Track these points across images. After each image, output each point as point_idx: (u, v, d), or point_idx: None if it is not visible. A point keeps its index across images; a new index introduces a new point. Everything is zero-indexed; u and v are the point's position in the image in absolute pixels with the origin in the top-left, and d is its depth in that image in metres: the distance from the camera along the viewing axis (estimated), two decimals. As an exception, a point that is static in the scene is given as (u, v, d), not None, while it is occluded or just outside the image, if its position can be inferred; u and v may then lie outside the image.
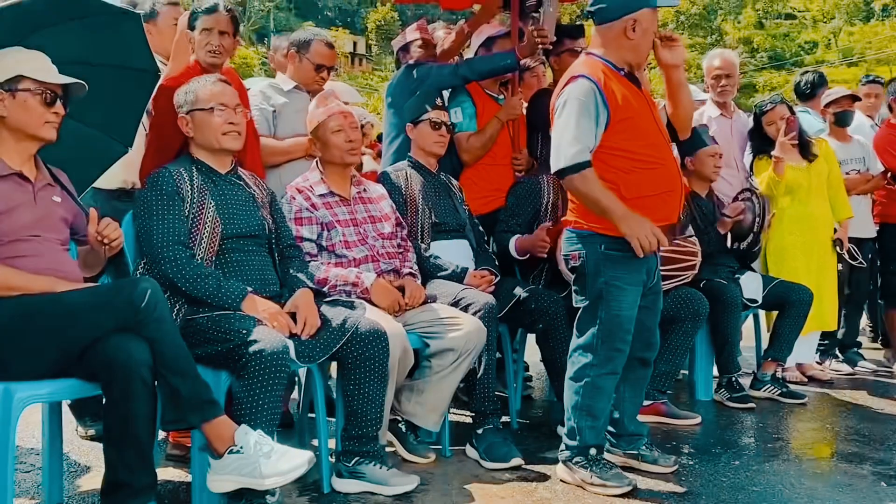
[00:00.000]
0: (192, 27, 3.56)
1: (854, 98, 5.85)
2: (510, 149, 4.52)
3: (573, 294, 3.26)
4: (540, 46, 4.37)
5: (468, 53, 5.04)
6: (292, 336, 2.88)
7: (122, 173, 3.71)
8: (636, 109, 3.11)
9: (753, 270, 5.01)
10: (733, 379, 4.62)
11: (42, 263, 2.63)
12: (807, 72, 6.39)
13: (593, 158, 3.05)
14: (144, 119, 3.51)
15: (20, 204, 2.66)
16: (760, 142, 5.26)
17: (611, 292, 3.10)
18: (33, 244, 2.65)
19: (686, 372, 5.11)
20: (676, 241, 4.08)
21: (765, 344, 4.96)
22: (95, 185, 3.51)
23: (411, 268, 3.67)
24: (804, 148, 5.20)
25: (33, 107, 2.68)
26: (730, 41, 62.80)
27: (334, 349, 2.94)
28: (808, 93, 6.13)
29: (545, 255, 3.97)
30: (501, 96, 4.63)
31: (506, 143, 4.51)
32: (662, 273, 4.01)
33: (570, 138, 3.01)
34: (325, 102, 3.61)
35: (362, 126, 8.01)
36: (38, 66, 2.71)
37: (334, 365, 3.35)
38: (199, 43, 3.55)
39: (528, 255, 4.12)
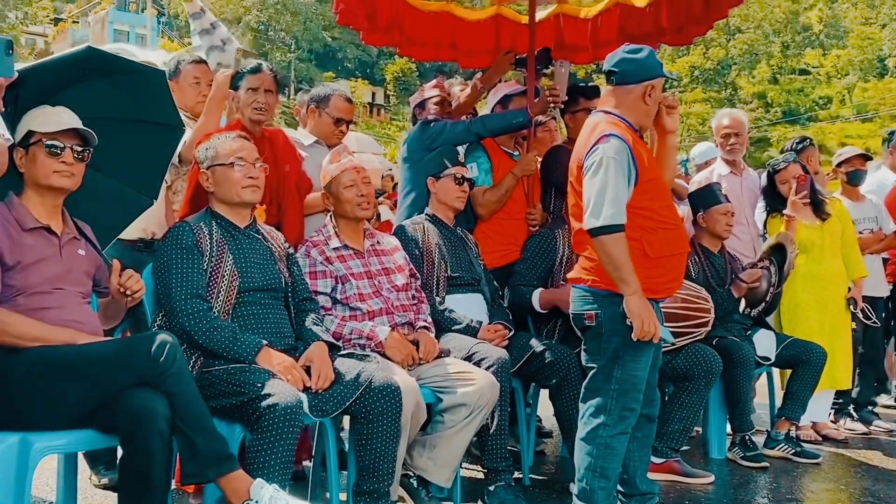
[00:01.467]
0: (234, 87, 3.66)
1: (866, 157, 5.89)
2: (524, 203, 4.57)
3: (583, 353, 3.28)
4: (552, 105, 4.46)
5: (485, 109, 5.14)
6: (306, 389, 2.91)
7: (142, 223, 3.78)
8: (657, 171, 3.23)
9: (767, 327, 5.00)
10: (747, 437, 4.60)
11: (64, 315, 2.69)
12: None
13: None
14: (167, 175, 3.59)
15: (46, 257, 2.72)
16: (773, 200, 5.30)
17: (628, 352, 3.13)
18: (56, 296, 2.71)
19: (699, 429, 5.09)
20: (690, 298, 4.11)
21: (778, 402, 4.94)
22: (123, 236, 3.58)
23: (425, 320, 3.71)
24: (817, 206, 5.24)
25: (41, 159, 2.76)
26: (744, 96, 63.23)
27: (347, 403, 2.96)
28: None
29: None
30: (516, 152, 4.70)
31: (520, 197, 4.57)
32: (675, 330, 4.04)
33: (609, 198, 3.05)
34: (337, 158, 3.69)
35: (383, 176, 8.16)
36: (47, 119, 2.79)
37: (347, 417, 3.36)
38: (245, 101, 3.65)
39: (549, 309, 4.16)
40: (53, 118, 2.82)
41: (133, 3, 67.33)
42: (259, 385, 2.74)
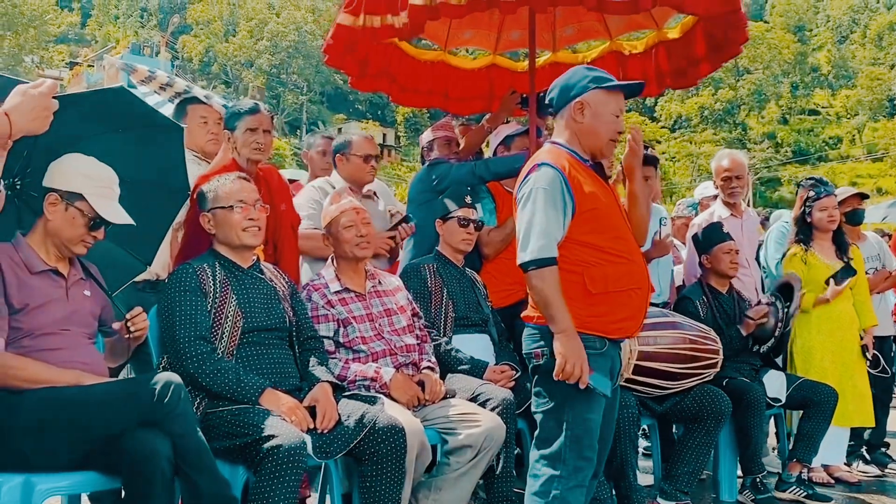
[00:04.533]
0: (230, 128, 3.69)
1: (862, 196, 5.89)
2: (530, 243, 4.57)
3: (533, 397, 3.04)
4: None
5: (487, 151, 5.18)
6: (310, 431, 2.90)
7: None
8: (602, 201, 2.98)
9: (777, 368, 4.96)
10: (758, 480, 4.53)
11: (70, 356, 2.70)
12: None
13: (559, 250, 2.90)
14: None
15: (53, 299, 2.74)
16: (803, 229, 5.29)
17: (580, 393, 2.85)
18: (62, 337, 2.73)
19: (710, 473, 5.03)
20: (698, 339, 4.08)
21: (790, 443, 4.88)
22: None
23: (430, 360, 3.70)
24: (841, 248, 5.25)
25: (78, 225, 2.79)
26: (754, 136, 63.49)
27: (351, 444, 2.94)
28: None
29: None
30: (521, 193, 4.72)
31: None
32: (684, 371, 4.02)
33: (537, 231, 2.85)
34: (338, 199, 3.71)
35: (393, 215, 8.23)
36: (101, 192, 2.82)
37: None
38: (244, 141, 3.68)
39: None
40: (107, 192, 2.85)
41: (147, 48, 68.38)
42: (262, 426, 2.74)
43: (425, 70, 5.44)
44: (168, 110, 4.94)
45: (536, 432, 3.02)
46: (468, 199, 4.22)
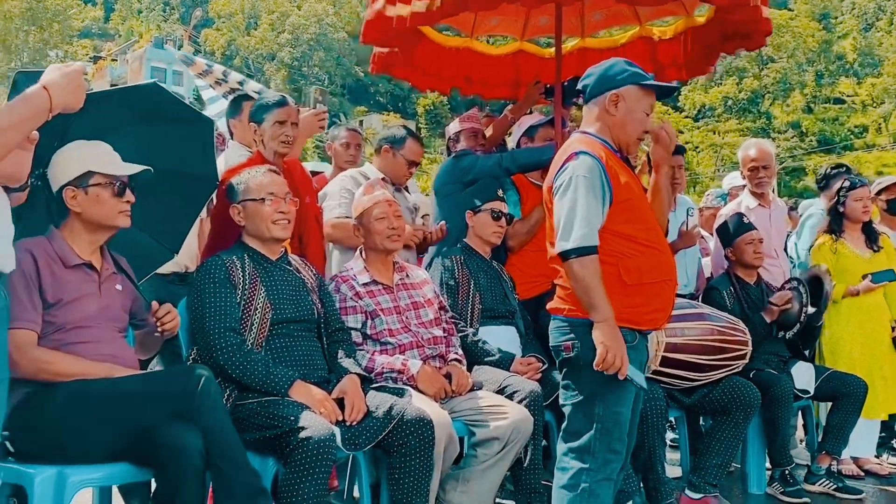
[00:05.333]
0: (257, 121, 3.69)
1: (905, 184, 5.81)
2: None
3: (561, 391, 3.02)
4: None
5: (509, 141, 5.16)
6: (339, 423, 2.90)
7: (176, 257, 3.82)
8: (636, 192, 2.99)
9: (806, 359, 4.92)
10: (786, 472, 4.50)
11: (101, 350, 2.72)
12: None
13: None
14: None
15: (86, 294, 2.76)
16: (836, 219, 5.25)
17: (609, 387, 2.84)
18: (94, 331, 2.75)
19: (738, 465, 4.99)
20: (726, 330, 4.05)
21: (819, 435, 4.84)
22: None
23: (457, 353, 3.69)
24: (870, 237, 5.19)
25: (106, 199, 2.80)
26: (778, 125, 62.87)
27: (380, 436, 2.95)
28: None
29: None
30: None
31: (551, 228, 4.54)
32: (712, 363, 3.98)
33: (579, 218, 2.82)
34: (370, 190, 3.70)
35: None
36: (104, 159, 2.83)
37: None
38: (272, 134, 3.67)
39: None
40: (110, 157, 2.85)
41: (170, 41, 68.68)
42: (292, 418, 2.75)
43: (450, 56, 5.42)
44: (222, 106, 4.98)
45: (564, 425, 3.00)
46: (500, 193, 4.20)
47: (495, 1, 3.92)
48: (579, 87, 3.11)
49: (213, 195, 3.55)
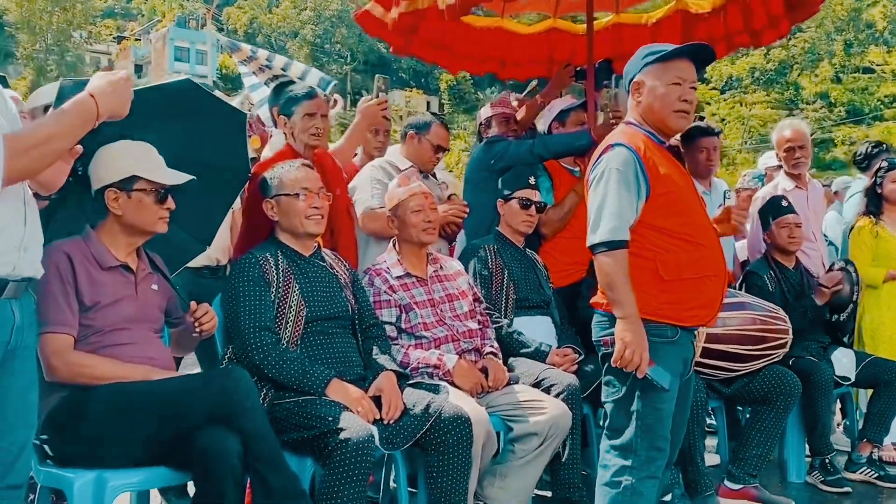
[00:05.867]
0: (287, 113, 3.64)
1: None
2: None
3: (603, 387, 2.96)
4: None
5: (539, 125, 5.07)
6: (376, 421, 2.87)
7: (208, 250, 3.79)
8: (678, 184, 2.90)
9: (845, 345, 4.82)
10: (827, 461, 4.42)
11: (138, 352, 2.70)
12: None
13: (631, 233, 2.80)
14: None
15: (123, 296, 2.74)
16: (873, 200, 5.14)
17: (650, 382, 2.79)
18: (131, 333, 2.72)
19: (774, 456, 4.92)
20: (767, 319, 3.96)
21: (860, 423, 4.75)
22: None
23: (492, 346, 3.64)
24: None
25: (148, 205, 2.76)
26: (806, 96, 61.96)
27: (417, 435, 2.91)
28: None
29: None
30: (577, 168, 4.61)
31: (584, 215, 4.45)
32: (753, 353, 3.91)
33: (608, 212, 2.77)
34: (406, 182, 3.65)
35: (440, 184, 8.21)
36: (150, 165, 2.79)
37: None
38: (302, 127, 3.62)
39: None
40: (157, 163, 2.82)
41: (192, 20, 68.77)
42: (330, 419, 2.72)
43: (480, 36, 5.32)
44: (264, 93, 4.94)
45: (607, 422, 2.95)
46: (532, 181, 4.13)
47: None
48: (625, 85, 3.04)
49: (245, 188, 3.51)
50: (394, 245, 3.66)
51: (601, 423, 4.31)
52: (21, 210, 2.15)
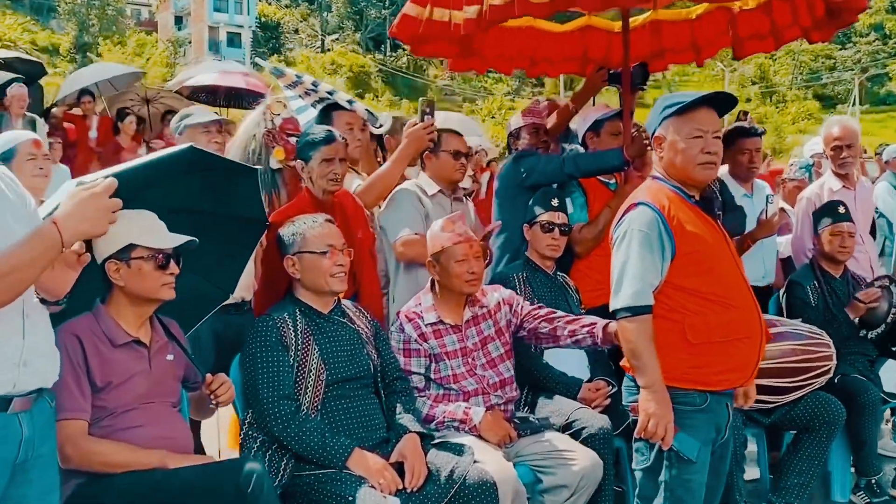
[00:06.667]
0: (304, 158, 3.53)
1: None
2: (624, 238, 4.31)
3: (634, 454, 2.88)
4: (649, 148, 4.17)
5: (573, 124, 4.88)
6: (400, 491, 2.80)
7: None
8: (707, 242, 2.77)
9: (894, 357, 4.63)
10: (873, 481, 4.28)
11: (155, 432, 2.65)
12: None
13: (657, 295, 2.71)
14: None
15: (137, 373, 2.68)
16: None
17: (677, 452, 2.70)
18: (146, 412, 2.68)
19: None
20: (808, 348, 3.80)
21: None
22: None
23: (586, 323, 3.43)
24: None
25: (149, 273, 2.68)
26: (859, 27, 59.81)
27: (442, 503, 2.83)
28: None
29: None
30: (613, 181, 4.44)
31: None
32: (793, 385, 3.76)
33: (630, 276, 2.68)
34: (451, 227, 3.47)
35: (476, 153, 8.03)
36: (147, 230, 2.71)
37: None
38: (321, 173, 3.51)
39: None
40: (155, 227, 2.74)
41: (230, -32, 68.13)
42: (350, 498, 2.66)
43: (512, 36, 5.11)
44: (311, 115, 4.88)
45: (637, 490, 2.86)
46: (555, 202, 3.97)
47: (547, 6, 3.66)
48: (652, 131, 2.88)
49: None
50: (432, 286, 3.53)
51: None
52: (18, 323, 2.08)
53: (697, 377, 2.74)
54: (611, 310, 2.77)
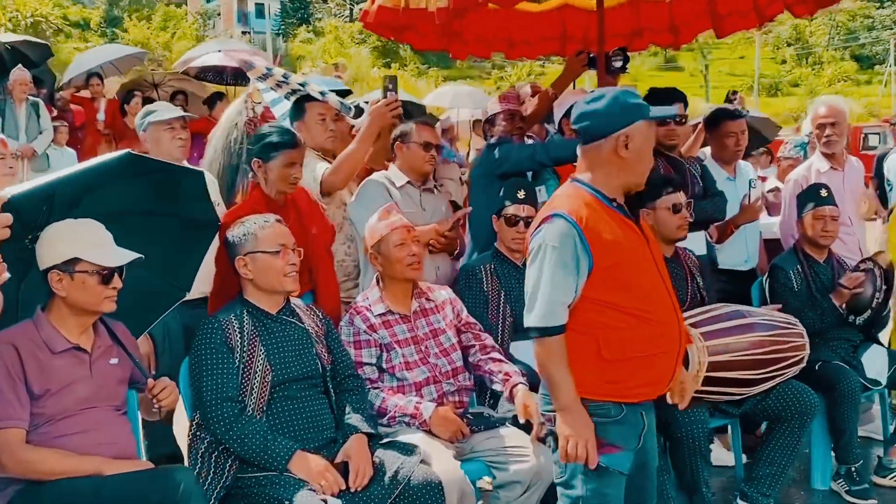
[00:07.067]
0: (265, 158, 3.53)
1: None
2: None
3: (554, 465, 2.79)
4: None
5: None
6: (343, 492, 2.81)
7: (201, 285, 3.71)
8: (628, 252, 2.64)
9: (880, 343, 4.54)
10: (853, 469, 4.22)
11: (94, 438, 2.68)
12: None
13: (572, 309, 2.61)
14: None
15: (76, 379, 2.70)
16: None
17: (609, 468, 2.63)
18: (86, 417, 2.70)
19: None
20: (778, 339, 3.73)
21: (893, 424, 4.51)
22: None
23: (512, 371, 3.45)
24: None
25: (92, 286, 2.70)
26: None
27: (386, 505, 2.84)
28: None
29: None
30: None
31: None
32: (763, 376, 3.71)
33: (542, 295, 2.58)
34: (386, 216, 3.50)
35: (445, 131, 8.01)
36: (93, 246, 2.72)
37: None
38: (280, 175, 3.52)
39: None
40: (101, 242, 2.75)
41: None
42: (287, 502, 2.68)
43: (489, 18, 5.04)
44: (285, 108, 4.90)
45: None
46: (521, 194, 3.92)
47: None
48: (574, 127, 2.76)
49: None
50: (377, 281, 3.54)
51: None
52: None
53: (611, 390, 2.65)
54: (525, 325, 2.68)
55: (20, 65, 8.36)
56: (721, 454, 4.50)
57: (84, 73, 10.15)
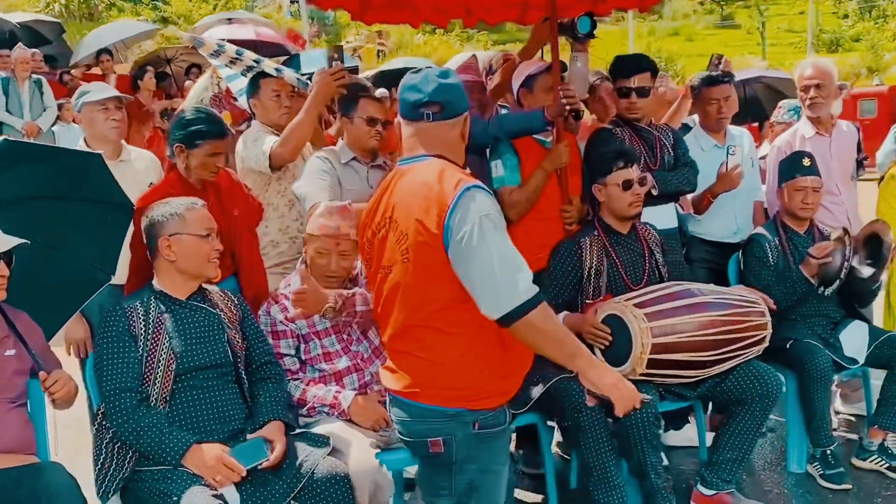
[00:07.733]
0: (189, 146, 3.43)
1: None
2: (559, 200, 4.07)
3: (423, 489, 2.61)
4: (568, 108, 3.89)
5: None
6: (243, 483, 2.72)
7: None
8: None
9: (864, 319, 4.29)
10: (828, 452, 4.02)
11: (-16, 430, 2.64)
12: None
13: (440, 311, 2.39)
14: None
15: None
16: None
17: (486, 482, 2.46)
18: (-24, 410, 2.66)
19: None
20: (733, 319, 3.53)
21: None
22: (112, 281, 3.48)
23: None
24: None
25: None
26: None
27: (287, 499, 2.74)
28: None
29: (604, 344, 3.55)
30: (549, 139, 4.17)
31: (554, 193, 4.06)
32: (716, 357, 3.52)
33: (513, 265, 2.26)
34: (327, 216, 3.30)
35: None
36: None
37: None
38: (203, 163, 3.44)
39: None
40: None
41: None
42: (175, 498, 2.60)
43: None
44: (242, 83, 4.85)
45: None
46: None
47: None
48: (426, 100, 2.45)
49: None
50: (301, 265, 3.41)
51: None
52: None
53: (505, 386, 2.48)
54: (496, 318, 2.27)
55: (20, 43, 8.40)
56: (693, 434, 4.32)
57: (93, 54, 10.18)
